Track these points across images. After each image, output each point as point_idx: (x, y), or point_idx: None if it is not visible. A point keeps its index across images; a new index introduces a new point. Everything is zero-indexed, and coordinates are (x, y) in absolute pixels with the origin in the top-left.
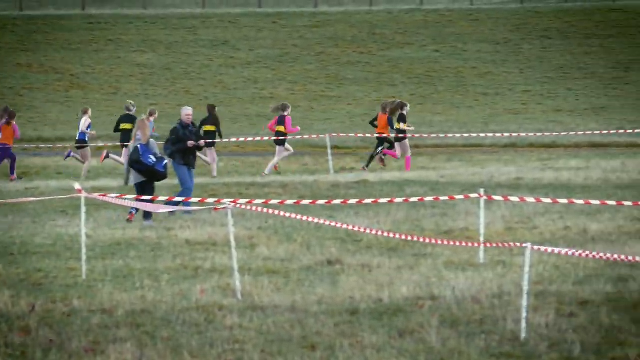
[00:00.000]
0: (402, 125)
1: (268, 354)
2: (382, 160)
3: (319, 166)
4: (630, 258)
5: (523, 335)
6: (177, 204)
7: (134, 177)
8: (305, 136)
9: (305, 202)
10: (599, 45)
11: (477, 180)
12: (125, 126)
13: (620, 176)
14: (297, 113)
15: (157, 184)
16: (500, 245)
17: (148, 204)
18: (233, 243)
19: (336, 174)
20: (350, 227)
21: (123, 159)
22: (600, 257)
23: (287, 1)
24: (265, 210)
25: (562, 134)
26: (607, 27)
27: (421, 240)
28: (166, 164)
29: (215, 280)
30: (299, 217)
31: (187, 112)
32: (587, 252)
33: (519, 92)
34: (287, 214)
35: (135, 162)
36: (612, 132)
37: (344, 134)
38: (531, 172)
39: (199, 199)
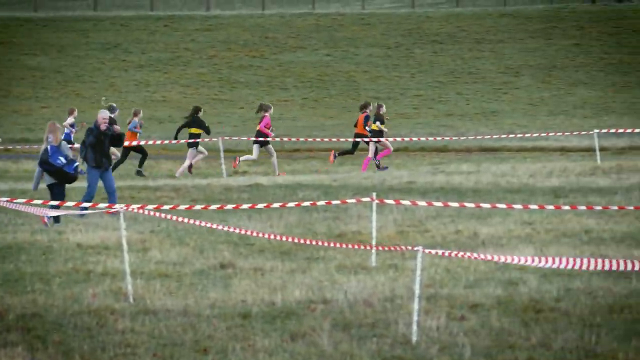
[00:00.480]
0: (379, 125)
1: (160, 357)
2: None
3: (212, 169)
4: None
5: (414, 338)
6: (85, 208)
7: (47, 179)
8: (198, 140)
9: (198, 207)
10: (490, 50)
11: (369, 183)
12: None
13: (510, 180)
14: None
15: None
16: (392, 248)
17: (41, 209)
18: (125, 247)
19: (229, 177)
20: (243, 231)
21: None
22: (491, 259)
23: (179, 4)
24: (157, 214)
25: (453, 138)
26: (497, 32)
27: (314, 243)
28: (77, 166)
29: (107, 284)
30: (191, 221)
31: (103, 116)
32: (477, 255)
33: (411, 97)
34: (180, 218)
35: (44, 163)
36: (503, 136)
37: (237, 138)
38: (423, 176)
39: (91, 203)
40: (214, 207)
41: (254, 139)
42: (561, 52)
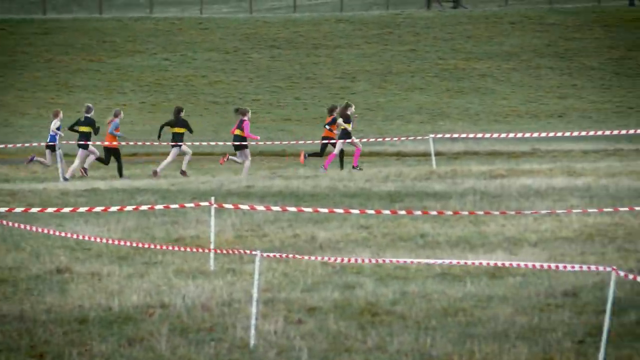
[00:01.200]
0: (348, 126)
1: None
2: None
3: (49, 174)
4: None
5: (252, 342)
6: None
7: None
8: (34, 144)
9: (34, 210)
10: (327, 55)
11: (208, 188)
12: (83, 129)
13: (348, 184)
14: (25, 121)
15: None
16: (231, 252)
17: None
18: None
19: (66, 181)
20: (80, 236)
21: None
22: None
23: (16, 8)
24: None
25: (291, 142)
26: (334, 37)
27: (152, 248)
28: None
29: None
30: (27, 225)
31: None
32: (314, 257)
33: (249, 101)
34: (16, 223)
35: None
36: (340, 141)
37: (73, 142)
38: (261, 180)
39: None
40: (50, 210)
41: (235, 143)
42: (397, 57)
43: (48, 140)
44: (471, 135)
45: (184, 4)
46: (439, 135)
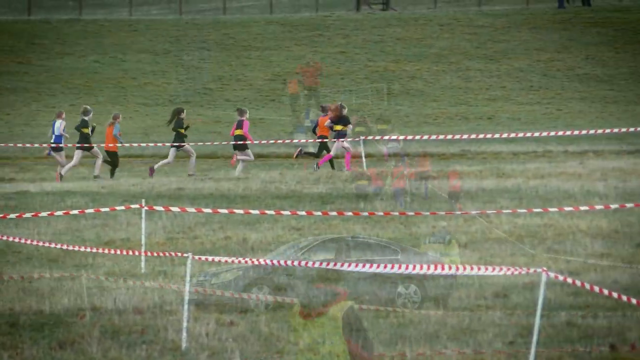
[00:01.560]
0: (348, 128)
1: None
2: (299, 157)
3: None
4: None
5: (184, 344)
6: None
7: None
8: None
9: None
10: (257, 57)
11: (138, 190)
12: (83, 130)
13: (279, 186)
14: None
15: None
16: (162, 255)
17: None
18: None
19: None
20: (10, 239)
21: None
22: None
23: None
24: None
25: (223, 143)
26: (264, 39)
27: (82, 250)
28: None
29: None
30: None
31: None
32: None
33: (179, 103)
34: None
35: None
36: (271, 142)
37: (3, 144)
38: (192, 182)
39: None
40: None
41: (233, 143)
42: (327, 59)
43: (53, 141)
44: (401, 137)
45: (113, 6)
46: (369, 137)
